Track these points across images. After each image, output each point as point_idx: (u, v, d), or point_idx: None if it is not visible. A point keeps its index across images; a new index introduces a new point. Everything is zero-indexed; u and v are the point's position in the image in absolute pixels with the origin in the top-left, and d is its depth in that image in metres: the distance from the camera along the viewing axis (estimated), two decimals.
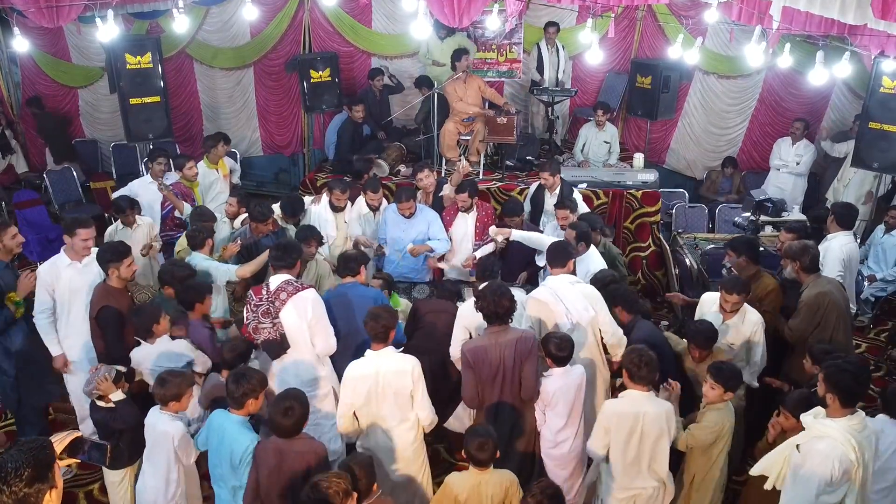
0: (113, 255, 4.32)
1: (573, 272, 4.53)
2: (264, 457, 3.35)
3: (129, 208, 5.75)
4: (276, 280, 4.12)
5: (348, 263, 4.56)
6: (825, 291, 4.47)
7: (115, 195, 6.14)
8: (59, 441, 2.46)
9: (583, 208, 6.11)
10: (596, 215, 6.15)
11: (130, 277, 4.46)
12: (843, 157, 7.69)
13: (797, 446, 3.15)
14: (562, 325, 4.16)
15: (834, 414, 3.09)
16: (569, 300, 4.18)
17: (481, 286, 4.07)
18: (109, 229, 5.93)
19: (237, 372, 3.56)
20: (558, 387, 3.89)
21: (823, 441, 3.05)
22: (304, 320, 4.04)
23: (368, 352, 3.77)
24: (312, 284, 4.49)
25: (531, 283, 5.74)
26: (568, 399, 3.91)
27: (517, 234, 5.37)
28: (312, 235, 5.16)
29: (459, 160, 6.50)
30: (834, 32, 5.58)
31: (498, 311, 3.80)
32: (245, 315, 4.26)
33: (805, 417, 3.20)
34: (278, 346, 4.09)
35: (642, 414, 3.55)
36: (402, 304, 5.20)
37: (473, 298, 4.01)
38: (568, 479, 4.02)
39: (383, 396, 3.73)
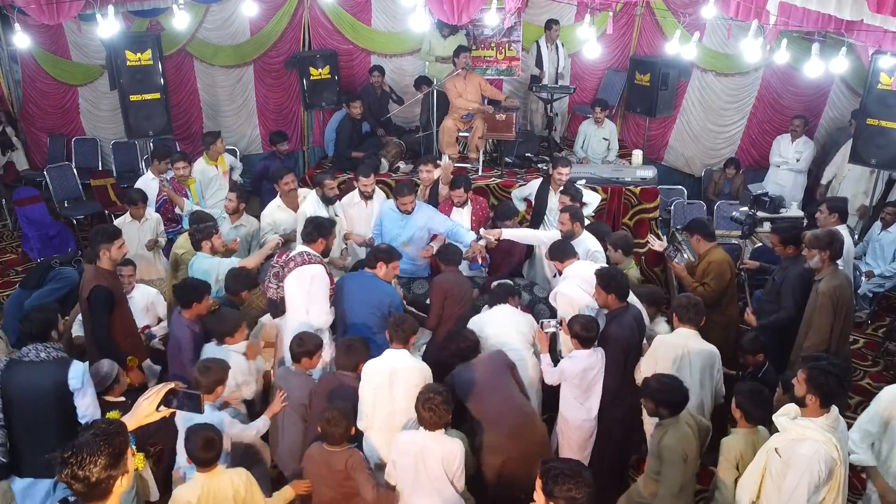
0: (104, 236, 4.42)
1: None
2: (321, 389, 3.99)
3: (141, 202, 5.87)
4: (297, 249, 4.54)
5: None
6: (841, 285, 4.40)
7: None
8: (156, 394, 2.53)
9: (592, 200, 6.26)
10: (605, 224, 6.19)
11: (120, 259, 4.56)
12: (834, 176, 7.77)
13: (776, 450, 3.09)
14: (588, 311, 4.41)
15: (811, 414, 3.05)
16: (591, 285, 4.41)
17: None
18: (117, 222, 5.98)
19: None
20: (583, 368, 4.05)
21: (805, 444, 2.99)
22: (302, 290, 4.39)
23: (387, 351, 3.95)
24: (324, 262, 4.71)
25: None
26: (588, 379, 4.09)
27: (507, 233, 5.47)
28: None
29: (442, 158, 6.48)
30: (831, 28, 5.60)
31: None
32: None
33: (779, 419, 3.15)
34: (276, 307, 4.47)
35: (689, 348, 3.98)
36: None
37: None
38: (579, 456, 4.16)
39: (395, 395, 3.85)
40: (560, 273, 4.75)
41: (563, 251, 4.74)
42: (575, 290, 4.49)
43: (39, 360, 3.47)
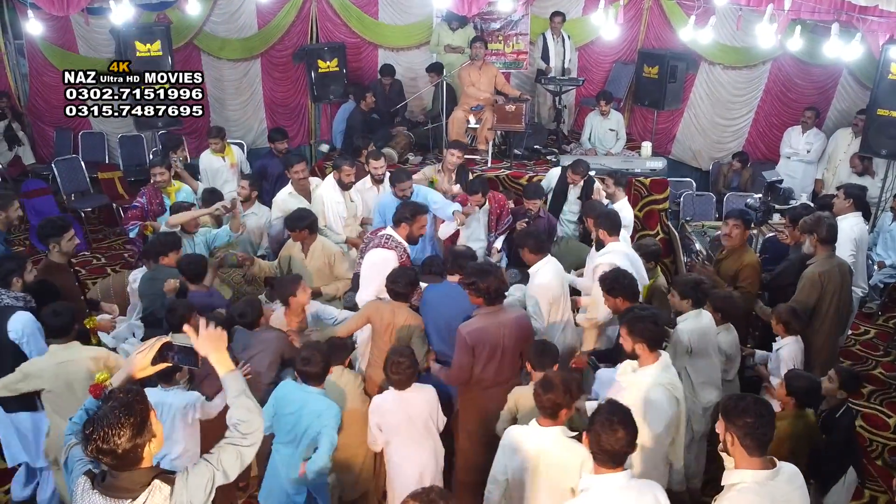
0: (53, 229, 4.37)
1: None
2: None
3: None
4: (387, 230, 4.64)
5: (457, 260, 4.38)
6: (828, 272, 4.38)
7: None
8: (150, 348, 2.51)
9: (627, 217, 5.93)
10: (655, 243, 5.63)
11: (72, 252, 4.52)
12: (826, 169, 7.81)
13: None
14: None
15: (648, 361, 3.24)
16: (633, 265, 4.45)
17: (471, 265, 3.95)
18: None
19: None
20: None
21: (653, 390, 3.17)
22: (365, 269, 4.54)
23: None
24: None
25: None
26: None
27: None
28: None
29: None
30: (844, 16, 5.60)
31: (501, 289, 3.78)
32: None
33: (622, 378, 3.29)
34: (356, 279, 4.66)
35: (706, 326, 4.00)
36: None
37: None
38: None
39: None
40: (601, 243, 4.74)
41: (615, 224, 4.67)
42: (626, 265, 4.30)
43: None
